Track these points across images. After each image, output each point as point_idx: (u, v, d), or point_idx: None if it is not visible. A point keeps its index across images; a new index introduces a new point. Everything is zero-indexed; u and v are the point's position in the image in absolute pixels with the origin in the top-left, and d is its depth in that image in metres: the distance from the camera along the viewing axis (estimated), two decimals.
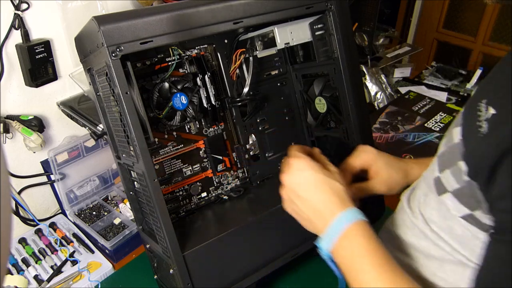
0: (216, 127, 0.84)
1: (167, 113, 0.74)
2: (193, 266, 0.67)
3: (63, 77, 0.97)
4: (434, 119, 1.23)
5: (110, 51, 0.57)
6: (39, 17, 0.89)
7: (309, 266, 0.88)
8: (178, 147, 0.80)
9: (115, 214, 0.99)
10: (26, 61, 0.87)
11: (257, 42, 0.79)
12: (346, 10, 0.77)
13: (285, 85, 0.91)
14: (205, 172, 0.83)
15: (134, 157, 0.62)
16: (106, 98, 0.68)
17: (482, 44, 2.35)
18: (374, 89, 1.48)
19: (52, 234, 0.96)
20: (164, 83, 0.74)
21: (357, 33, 1.55)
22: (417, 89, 1.53)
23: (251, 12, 0.68)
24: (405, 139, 1.15)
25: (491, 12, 2.26)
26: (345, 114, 0.82)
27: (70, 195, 1.00)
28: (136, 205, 0.76)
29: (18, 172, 0.96)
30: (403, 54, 1.70)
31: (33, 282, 0.85)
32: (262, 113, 0.89)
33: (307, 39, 0.76)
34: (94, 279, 0.85)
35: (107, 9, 1.00)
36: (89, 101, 0.97)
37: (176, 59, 0.75)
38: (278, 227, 0.76)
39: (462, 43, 2.45)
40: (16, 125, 0.89)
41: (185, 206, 0.82)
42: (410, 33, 2.65)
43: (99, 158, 1.03)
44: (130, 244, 0.93)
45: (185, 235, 0.72)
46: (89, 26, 0.61)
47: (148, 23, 0.60)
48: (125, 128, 0.62)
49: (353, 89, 0.80)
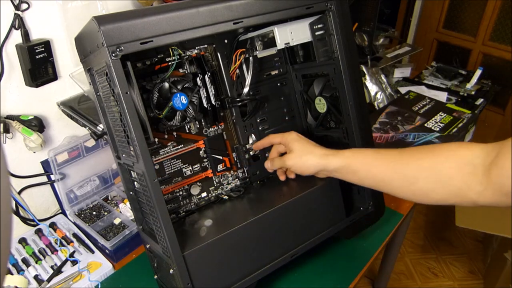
0: (216, 127, 0.84)
1: (167, 113, 0.74)
2: (193, 266, 0.67)
3: (63, 77, 0.97)
4: (434, 119, 1.23)
5: (110, 51, 0.57)
6: (39, 17, 0.89)
7: (309, 266, 0.88)
8: (178, 147, 0.80)
9: (115, 214, 0.99)
10: (26, 61, 0.87)
11: (257, 42, 0.79)
12: (346, 10, 0.77)
13: (285, 85, 0.91)
14: (205, 172, 0.83)
15: (134, 157, 0.62)
16: (106, 98, 0.68)
17: (482, 44, 2.36)
18: (374, 89, 1.48)
19: (52, 234, 0.96)
20: (164, 83, 0.74)
21: (357, 33, 1.55)
22: (417, 89, 1.53)
23: (251, 12, 0.68)
24: (405, 139, 1.15)
25: (491, 12, 2.26)
26: (345, 114, 0.82)
27: (70, 195, 1.00)
28: (136, 205, 0.76)
29: (18, 172, 0.96)
30: (403, 54, 1.70)
31: (33, 282, 0.85)
32: (262, 113, 0.89)
33: (307, 39, 0.76)
34: (94, 279, 0.85)
35: (107, 9, 1.00)
36: (89, 101, 0.97)
37: (176, 59, 0.75)
38: (278, 227, 0.76)
39: (462, 43, 2.45)
40: (16, 125, 0.89)
41: (185, 206, 0.82)
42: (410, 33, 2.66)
43: (99, 158, 1.03)
44: (130, 244, 0.93)
45: (185, 235, 0.72)
46: (89, 26, 0.61)
47: (148, 23, 0.60)
48: (125, 128, 0.62)
49: (353, 89, 0.80)
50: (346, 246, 0.92)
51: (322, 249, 0.91)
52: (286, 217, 0.77)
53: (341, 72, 0.78)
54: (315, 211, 0.81)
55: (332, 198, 0.83)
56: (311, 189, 0.80)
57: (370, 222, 0.90)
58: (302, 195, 0.79)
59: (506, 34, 2.25)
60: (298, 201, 0.78)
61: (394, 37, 2.04)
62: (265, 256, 0.75)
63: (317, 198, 0.81)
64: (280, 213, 0.76)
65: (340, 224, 0.84)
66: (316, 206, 0.81)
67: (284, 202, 0.77)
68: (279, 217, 0.76)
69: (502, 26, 2.25)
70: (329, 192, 0.83)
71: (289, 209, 0.77)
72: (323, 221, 0.82)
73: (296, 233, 0.79)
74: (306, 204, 0.80)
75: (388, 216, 0.98)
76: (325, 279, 0.86)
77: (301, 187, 0.82)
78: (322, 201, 0.82)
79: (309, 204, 0.80)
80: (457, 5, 2.43)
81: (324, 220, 0.82)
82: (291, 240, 0.78)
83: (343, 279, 0.85)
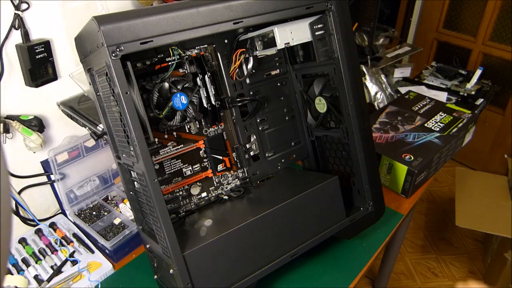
0: (216, 127, 0.84)
1: (167, 113, 0.74)
2: (193, 266, 0.67)
3: (63, 77, 0.97)
4: (434, 119, 1.23)
5: (110, 51, 0.57)
6: (39, 17, 0.89)
7: (309, 266, 0.88)
8: (178, 147, 0.80)
9: (115, 214, 0.99)
10: (26, 61, 0.87)
11: (257, 42, 0.79)
12: (346, 10, 0.77)
13: (285, 85, 0.91)
14: (205, 172, 0.83)
15: (134, 157, 0.62)
16: (106, 98, 0.68)
17: (482, 44, 2.35)
18: (374, 89, 1.48)
19: (52, 234, 0.96)
20: (164, 83, 0.74)
21: (357, 33, 1.55)
22: (417, 89, 1.53)
23: (251, 12, 0.68)
24: (405, 139, 1.15)
25: (491, 12, 2.26)
26: (345, 114, 0.82)
27: (70, 195, 1.00)
28: (136, 205, 0.76)
29: (18, 172, 0.96)
30: (403, 54, 1.70)
31: (33, 282, 0.85)
32: (262, 113, 0.89)
33: (307, 39, 0.76)
34: (94, 279, 0.85)
35: (107, 9, 1.00)
36: (89, 101, 0.97)
37: (176, 59, 0.75)
38: (278, 227, 0.76)
39: (462, 43, 2.45)
40: (16, 125, 0.89)
41: (185, 206, 0.82)
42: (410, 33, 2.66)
43: (99, 158, 1.03)
44: (130, 244, 0.93)
45: (185, 235, 0.72)
46: (89, 26, 0.61)
47: (148, 23, 0.60)
48: (125, 128, 0.62)
49: (353, 89, 0.80)
50: (346, 246, 0.92)
51: (322, 249, 0.91)
52: (286, 217, 0.77)
53: (341, 72, 0.78)
54: (315, 211, 0.81)
55: (332, 198, 0.83)
56: (311, 189, 0.80)
57: (370, 222, 0.90)
58: (302, 195, 0.79)
59: (506, 34, 2.25)
60: (298, 201, 0.78)
61: (394, 37, 2.04)
62: (265, 256, 0.75)
63: (317, 198, 0.81)
64: (280, 213, 0.76)
65: (340, 224, 0.84)
66: (316, 206, 0.81)
67: (284, 202, 0.77)
68: (279, 217, 0.76)
69: (502, 26, 2.25)
70: (329, 192, 0.83)
71: (289, 209, 0.77)
72: (323, 221, 0.82)
73: (296, 233, 0.79)
74: (306, 204, 0.79)
75: (388, 216, 0.98)
76: (325, 279, 0.86)
77: (301, 187, 0.82)
78: (322, 201, 0.82)
79: (309, 204, 0.80)
80: (457, 5, 2.43)
81: (324, 220, 0.82)
82: (291, 240, 0.78)
83: (343, 279, 0.85)
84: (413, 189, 1.07)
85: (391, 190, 1.10)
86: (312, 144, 0.96)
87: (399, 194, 1.09)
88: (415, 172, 1.03)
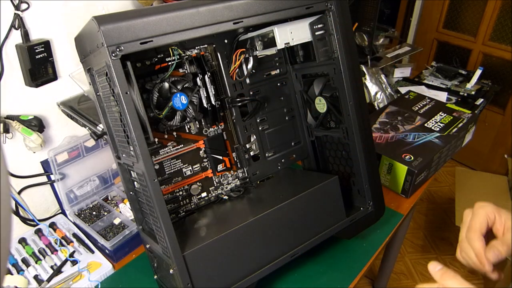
0: (216, 127, 0.84)
1: (167, 113, 0.74)
2: (193, 266, 0.67)
3: (63, 77, 0.97)
4: (434, 119, 1.23)
5: (110, 51, 0.57)
6: (39, 17, 0.89)
7: (309, 266, 0.88)
8: (178, 147, 0.80)
9: (115, 214, 0.99)
10: (26, 61, 0.87)
11: (257, 42, 0.79)
12: (346, 10, 0.77)
13: (285, 85, 0.91)
14: (205, 172, 0.83)
15: (134, 157, 0.62)
16: (106, 98, 0.68)
17: (482, 44, 2.35)
18: (374, 89, 1.48)
19: (52, 234, 0.96)
20: (164, 83, 0.74)
21: (357, 33, 1.55)
22: (417, 89, 1.53)
23: (251, 12, 0.68)
24: (405, 139, 1.15)
25: (491, 12, 2.26)
26: (345, 114, 0.82)
27: (70, 195, 1.00)
28: (136, 205, 0.76)
29: (18, 172, 0.96)
30: (403, 54, 1.70)
31: (33, 282, 0.85)
32: (262, 113, 0.89)
33: (307, 39, 0.76)
34: (94, 279, 0.85)
35: (107, 9, 1.00)
36: (89, 101, 0.97)
37: (176, 59, 0.75)
38: (278, 227, 0.76)
39: (462, 43, 2.45)
40: (16, 125, 0.89)
41: (185, 206, 0.82)
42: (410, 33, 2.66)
43: (99, 158, 1.03)
44: (130, 244, 0.93)
45: (185, 235, 0.72)
46: (89, 26, 0.61)
47: (148, 23, 0.60)
48: (125, 128, 0.62)
49: (353, 89, 0.80)
50: (346, 246, 0.92)
51: (322, 249, 0.91)
52: (286, 217, 0.77)
53: (341, 72, 0.78)
54: (315, 211, 0.81)
55: (332, 198, 0.83)
56: (311, 189, 0.80)
57: (370, 222, 0.90)
58: (302, 195, 0.79)
59: (506, 34, 2.25)
60: (298, 201, 0.78)
61: (394, 37, 2.04)
62: (265, 256, 0.75)
63: (317, 198, 0.81)
64: (280, 213, 0.76)
65: (340, 224, 0.84)
66: (316, 206, 0.81)
67: (284, 202, 0.77)
68: (279, 217, 0.76)
69: (502, 26, 2.25)
70: (329, 192, 0.83)
71: (289, 209, 0.77)
72: (323, 221, 0.82)
73: (296, 233, 0.79)
74: (306, 204, 0.79)
75: (388, 216, 0.98)
76: (325, 279, 0.86)
77: (301, 187, 0.82)
78: (322, 201, 0.82)
79: (309, 204, 0.80)
80: (457, 5, 2.43)
81: (324, 220, 0.82)
82: (291, 240, 0.78)
83: (343, 279, 0.85)
84: (413, 189, 1.07)
85: (391, 190, 1.10)
86: (312, 144, 0.96)
87: (399, 194, 1.09)
88: (415, 172, 1.03)
